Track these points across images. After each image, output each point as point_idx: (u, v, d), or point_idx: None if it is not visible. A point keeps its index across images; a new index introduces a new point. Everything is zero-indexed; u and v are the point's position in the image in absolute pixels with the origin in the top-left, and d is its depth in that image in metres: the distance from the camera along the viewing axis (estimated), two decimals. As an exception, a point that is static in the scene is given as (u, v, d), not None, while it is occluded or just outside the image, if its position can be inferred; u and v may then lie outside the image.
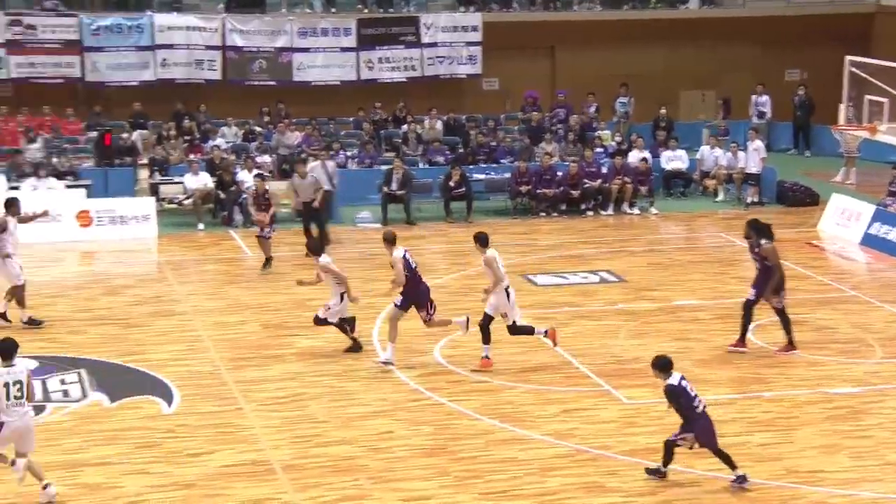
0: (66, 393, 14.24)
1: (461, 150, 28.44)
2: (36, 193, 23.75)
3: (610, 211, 25.99)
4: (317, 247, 16.15)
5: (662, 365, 11.51)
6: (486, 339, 15.18)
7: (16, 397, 11.06)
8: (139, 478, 11.76)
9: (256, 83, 30.31)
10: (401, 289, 15.27)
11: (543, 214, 25.94)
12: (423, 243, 23.78)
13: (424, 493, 11.50)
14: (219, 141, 27.90)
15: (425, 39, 31.13)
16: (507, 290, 15.05)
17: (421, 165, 27.73)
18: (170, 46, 29.42)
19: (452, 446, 12.64)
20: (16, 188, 24.09)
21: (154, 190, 25.45)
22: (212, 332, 16.87)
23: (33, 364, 15.15)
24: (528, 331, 15.26)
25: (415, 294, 15.19)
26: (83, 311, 18.06)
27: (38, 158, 25.65)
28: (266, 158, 27.10)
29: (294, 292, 19.27)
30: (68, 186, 24.39)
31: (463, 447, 12.62)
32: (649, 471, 11.71)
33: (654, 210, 26.09)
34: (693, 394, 11.46)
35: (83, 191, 24.22)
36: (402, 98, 30.54)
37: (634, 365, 15.07)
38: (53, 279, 20.41)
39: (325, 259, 15.73)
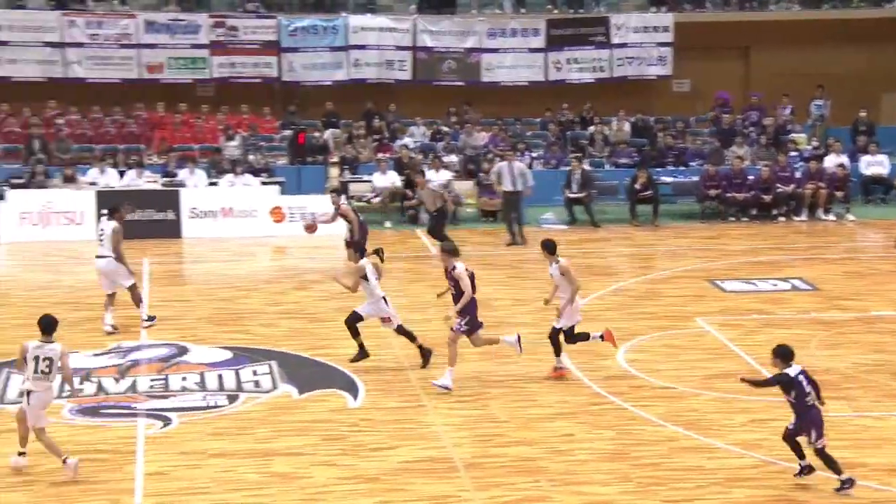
0: (257, 384, 14.67)
1: (648, 152, 28.07)
2: (233, 189, 24.64)
3: (803, 216, 25.18)
4: (360, 246, 15.61)
5: (784, 354, 11.36)
6: (583, 338, 14.87)
7: (43, 372, 11.63)
8: (326, 469, 12.00)
9: (445, 83, 30.64)
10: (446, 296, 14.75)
11: (733, 219, 25.35)
12: (606, 246, 23.59)
13: (605, 498, 11.36)
14: (407, 140, 28.34)
15: (615, 40, 30.83)
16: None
17: (607, 167, 27.51)
18: (362, 47, 30.04)
19: (635, 452, 12.45)
20: (214, 184, 25.08)
21: (344, 188, 26.04)
22: (397, 329, 17.08)
23: (226, 355, 15.71)
24: (557, 349, 14.78)
25: (472, 309, 14.57)
26: (274, 305, 18.59)
27: (235, 156, 26.62)
28: (453, 158, 27.39)
29: (478, 292, 19.35)
30: (263, 183, 25.19)
31: (645, 453, 12.41)
32: (839, 488, 11.27)
33: (850, 216, 25.13)
34: (807, 389, 11.29)
35: (277, 187, 24.97)
36: (590, 99, 30.35)
37: (827, 376, 14.49)
38: (247, 273, 21.11)
39: (361, 264, 15.33)
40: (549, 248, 14.74)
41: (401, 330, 15.25)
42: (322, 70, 30.00)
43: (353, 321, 14.99)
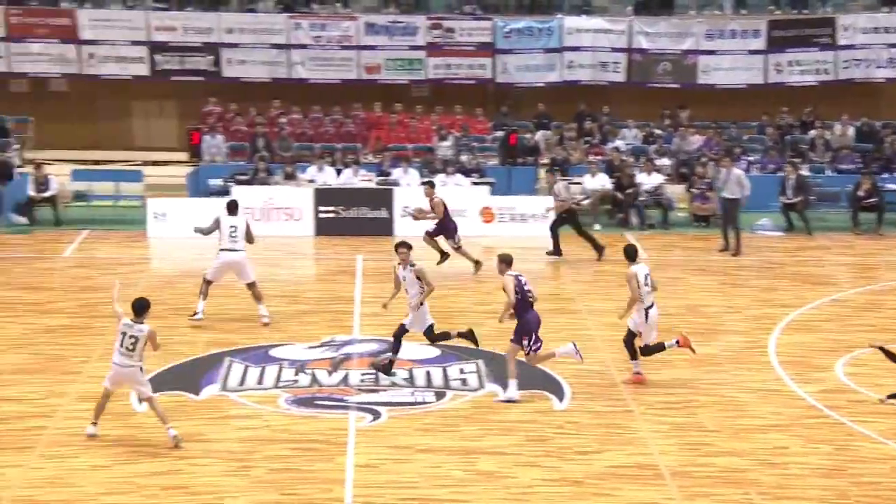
0: (464, 382, 14.82)
1: (873, 158, 26.91)
2: (444, 189, 24.96)
3: None
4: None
5: None
6: (633, 355, 14.63)
7: (127, 348, 12.42)
8: (530, 470, 12.03)
9: (659, 85, 30.22)
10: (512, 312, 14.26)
11: (965, 229, 24.05)
12: (826, 254, 22.76)
13: (819, 516, 10.98)
14: (618, 143, 28.09)
15: (841, 41, 29.68)
16: (647, 310, 14.34)
17: (828, 173, 26.52)
18: (576, 49, 29.97)
19: (853, 469, 11.96)
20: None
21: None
22: (603, 333, 16.96)
23: (434, 352, 15.91)
24: (659, 348, 14.56)
25: (523, 321, 14.18)
26: (481, 304, 18.72)
27: (447, 156, 26.97)
28: (665, 161, 26.96)
29: (687, 298, 19.03)
30: (474, 183, 25.43)
31: (865, 471, 11.90)
32: None
33: None
34: None
35: (487, 188, 25.16)
36: (811, 102, 29.35)
37: None
38: (456, 272, 21.32)
39: (420, 265, 14.93)
40: (630, 254, 14.77)
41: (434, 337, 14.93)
42: (535, 72, 30.09)
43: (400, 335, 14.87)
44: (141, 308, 12.59)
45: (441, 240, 20.42)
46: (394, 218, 24.09)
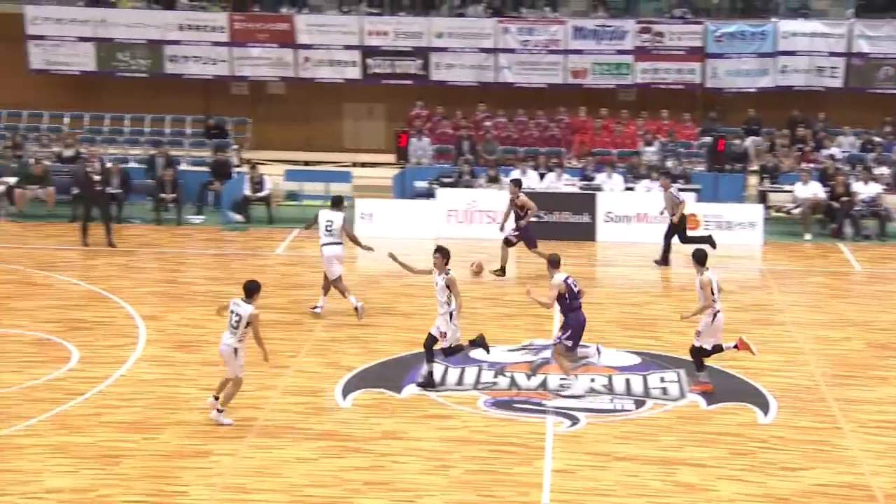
0: (664, 391, 14.59)
1: None
2: (649, 195, 24.65)
3: None
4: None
5: None
6: (700, 366, 14.48)
7: (232, 326, 12.97)
8: (732, 484, 11.74)
9: (879, 91, 28.98)
10: (549, 310, 14.49)
11: None
12: None
13: None
14: (833, 150, 27.10)
15: None
16: (716, 314, 14.18)
17: None
18: (791, 53, 29.07)
19: None
20: (631, 189, 25.21)
21: (762, 197, 25.31)
22: (812, 346, 16.40)
23: (634, 359, 15.72)
24: (717, 349, 14.40)
25: (576, 323, 14.26)
26: (685, 312, 18.34)
27: (653, 161, 26.61)
28: (884, 170, 25.83)
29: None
30: (680, 190, 24.94)
31: None
32: None
33: None
34: None
35: (693, 195, 24.66)
36: None
37: None
38: (659, 279, 21.04)
39: (452, 275, 14.41)
40: (701, 259, 14.53)
41: (448, 350, 14.57)
42: (746, 76, 29.34)
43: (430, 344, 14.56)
44: (251, 289, 13.10)
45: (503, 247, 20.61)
46: (597, 223, 23.93)
